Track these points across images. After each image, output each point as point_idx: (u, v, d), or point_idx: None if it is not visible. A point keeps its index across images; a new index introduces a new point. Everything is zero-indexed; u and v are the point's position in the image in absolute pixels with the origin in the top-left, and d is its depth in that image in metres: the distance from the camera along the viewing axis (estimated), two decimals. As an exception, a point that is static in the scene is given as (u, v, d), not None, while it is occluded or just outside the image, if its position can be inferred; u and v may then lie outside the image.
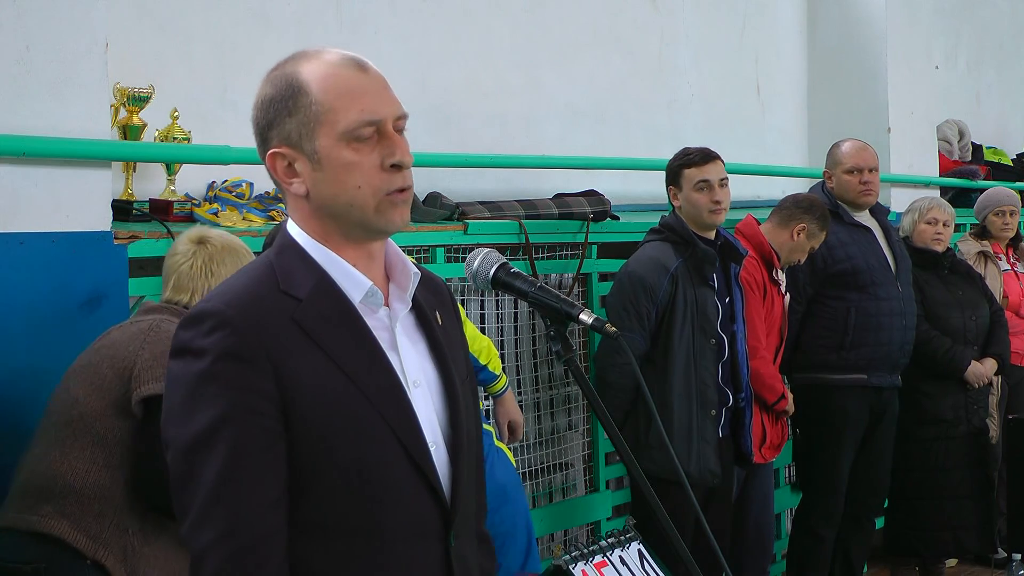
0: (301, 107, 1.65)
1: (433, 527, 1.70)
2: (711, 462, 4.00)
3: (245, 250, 2.88)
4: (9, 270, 2.87)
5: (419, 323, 1.79)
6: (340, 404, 1.62)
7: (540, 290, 1.88)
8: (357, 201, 1.66)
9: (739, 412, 4.17)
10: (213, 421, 1.57)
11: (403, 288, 1.75)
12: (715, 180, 4.03)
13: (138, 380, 2.57)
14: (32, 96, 2.91)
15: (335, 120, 1.65)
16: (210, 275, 2.78)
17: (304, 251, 1.70)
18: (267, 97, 1.69)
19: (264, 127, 1.69)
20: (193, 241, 2.84)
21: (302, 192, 1.68)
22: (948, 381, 5.12)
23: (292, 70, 1.68)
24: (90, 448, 2.58)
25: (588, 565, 3.11)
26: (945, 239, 5.27)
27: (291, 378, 1.60)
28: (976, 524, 5.17)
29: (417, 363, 1.74)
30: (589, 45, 5.31)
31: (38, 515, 2.55)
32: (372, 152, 1.66)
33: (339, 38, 4.17)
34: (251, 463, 1.57)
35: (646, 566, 3.46)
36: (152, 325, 2.67)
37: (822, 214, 4.58)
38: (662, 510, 1.82)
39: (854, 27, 6.51)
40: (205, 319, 1.61)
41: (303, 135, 1.65)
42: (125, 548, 2.56)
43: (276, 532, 1.59)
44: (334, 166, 1.65)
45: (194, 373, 1.59)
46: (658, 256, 4.02)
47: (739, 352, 4.14)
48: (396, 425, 1.66)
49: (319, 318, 1.65)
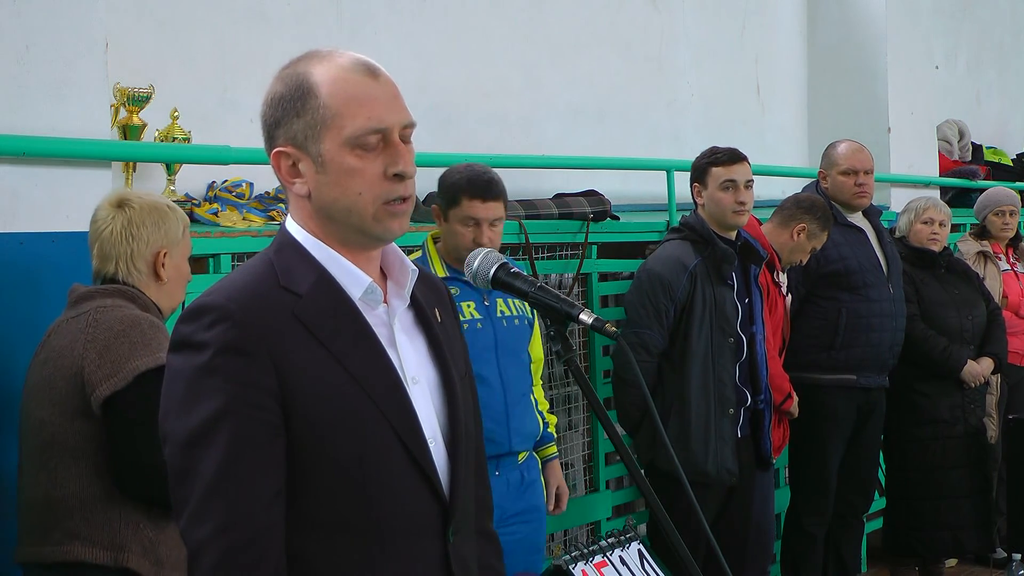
0: (309, 109, 1.65)
1: (432, 524, 1.70)
2: (729, 461, 4.00)
3: (170, 209, 2.74)
4: (9, 270, 2.87)
5: (418, 320, 1.79)
6: (340, 400, 1.63)
7: (540, 290, 1.88)
8: (356, 207, 1.67)
9: (758, 413, 4.17)
10: (213, 415, 1.57)
11: (401, 285, 1.76)
12: (741, 181, 4.05)
13: (91, 385, 2.51)
14: (32, 96, 2.91)
15: (341, 125, 1.65)
16: (131, 239, 2.66)
17: (303, 248, 1.70)
18: (277, 95, 1.69)
19: (271, 125, 1.69)
20: (112, 205, 2.68)
21: (304, 193, 1.69)
22: (945, 381, 5.12)
23: (304, 70, 1.68)
24: (74, 465, 2.54)
25: (588, 565, 3.11)
26: (942, 239, 5.28)
27: (292, 373, 1.60)
28: (974, 524, 5.17)
29: (416, 360, 1.75)
30: (589, 45, 5.31)
31: (50, 545, 2.54)
32: (376, 159, 1.67)
33: (339, 38, 4.18)
34: (251, 457, 1.57)
35: (646, 566, 3.46)
36: (89, 321, 2.57)
37: (823, 214, 4.59)
38: (662, 510, 1.82)
39: (854, 27, 6.51)
40: (206, 313, 1.61)
41: (309, 137, 1.66)
42: (143, 543, 2.54)
43: (274, 526, 1.58)
44: (337, 171, 1.66)
45: (194, 367, 1.59)
46: (677, 254, 4.03)
47: (758, 353, 4.14)
48: (395, 422, 1.66)
49: (320, 314, 1.65)
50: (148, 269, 2.68)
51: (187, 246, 2.77)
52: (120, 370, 2.49)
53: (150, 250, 2.68)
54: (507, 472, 3.44)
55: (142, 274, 2.68)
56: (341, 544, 1.63)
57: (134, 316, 2.57)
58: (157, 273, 2.69)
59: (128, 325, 2.54)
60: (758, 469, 4.23)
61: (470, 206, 3.37)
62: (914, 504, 5.19)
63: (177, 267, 2.73)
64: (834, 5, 6.57)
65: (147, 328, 2.56)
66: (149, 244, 2.67)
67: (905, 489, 5.22)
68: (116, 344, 2.52)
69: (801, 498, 4.97)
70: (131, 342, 2.52)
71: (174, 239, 2.71)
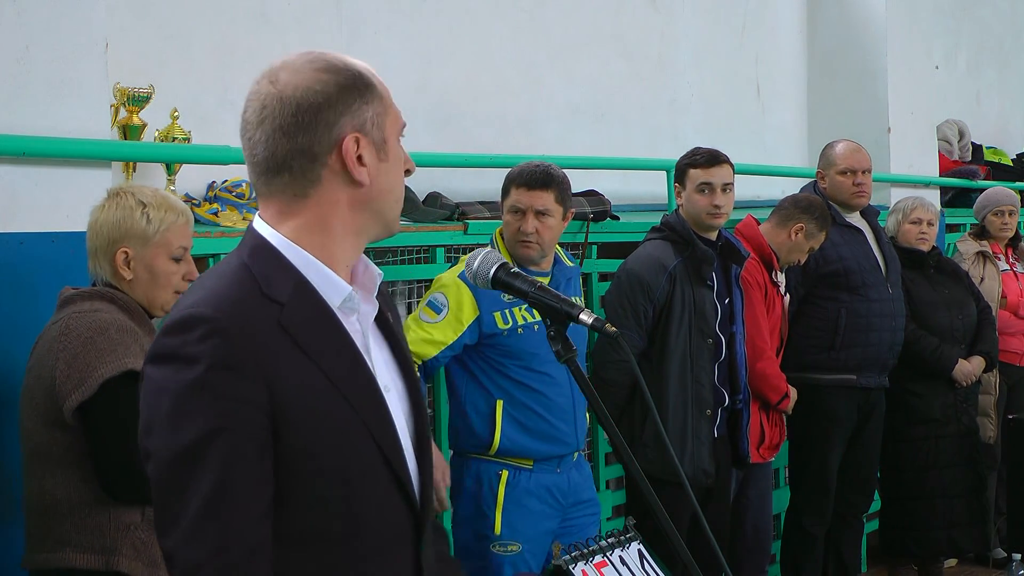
0: (375, 96, 1.65)
1: (406, 533, 1.68)
2: (705, 462, 4.00)
3: (149, 205, 2.63)
4: (9, 270, 2.87)
5: (380, 327, 1.77)
6: (326, 412, 1.59)
7: (540, 290, 1.88)
8: (399, 196, 1.71)
9: (736, 413, 4.18)
10: (206, 433, 1.51)
11: (368, 291, 1.73)
12: (718, 184, 4.03)
13: (61, 395, 2.49)
14: (32, 96, 2.91)
15: (396, 116, 1.69)
16: (96, 235, 2.62)
17: (279, 252, 1.64)
18: (329, 82, 1.63)
19: (321, 110, 1.62)
20: (104, 199, 2.67)
21: (366, 181, 1.65)
22: (937, 380, 5.13)
23: (344, 61, 1.66)
24: (60, 472, 2.53)
25: (588, 565, 3.10)
26: (930, 238, 5.28)
27: (281, 387, 1.56)
28: (969, 523, 5.18)
29: (385, 368, 1.73)
30: (589, 45, 5.31)
31: (45, 552, 2.54)
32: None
33: (339, 38, 4.18)
34: (244, 477, 1.53)
35: (646, 566, 3.45)
36: (62, 328, 2.54)
37: (821, 214, 4.58)
38: (662, 509, 1.82)
39: (854, 27, 6.51)
40: (195, 326, 1.54)
41: (375, 124, 1.65)
42: (135, 544, 2.54)
43: (265, 542, 1.55)
44: (395, 160, 1.69)
45: (184, 382, 1.52)
46: (657, 255, 4.02)
47: (738, 353, 4.14)
48: (377, 434, 1.63)
49: (303, 323, 1.61)
50: (110, 267, 2.63)
51: (166, 244, 2.64)
52: (87, 379, 2.47)
53: (111, 247, 2.62)
54: (568, 470, 3.55)
55: (106, 272, 2.64)
56: (324, 556, 1.61)
57: (103, 322, 2.53)
58: (119, 271, 2.62)
59: (96, 332, 2.50)
60: (735, 467, 4.24)
61: (516, 193, 3.47)
62: (908, 504, 5.20)
63: (148, 266, 2.63)
64: (834, 5, 6.57)
65: (114, 334, 2.51)
66: (110, 241, 2.61)
67: (899, 489, 5.23)
68: (83, 352, 2.49)
69: (801, 498, 4.97)
70: (98, 350, 2.48)
71: (138, 235, 2.61)
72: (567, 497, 3.53)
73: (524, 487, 3.46)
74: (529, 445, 3.46)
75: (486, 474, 3.47)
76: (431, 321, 3.41)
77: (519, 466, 3.47)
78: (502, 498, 3.44)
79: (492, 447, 3.44)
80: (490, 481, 3.46)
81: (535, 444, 3.46)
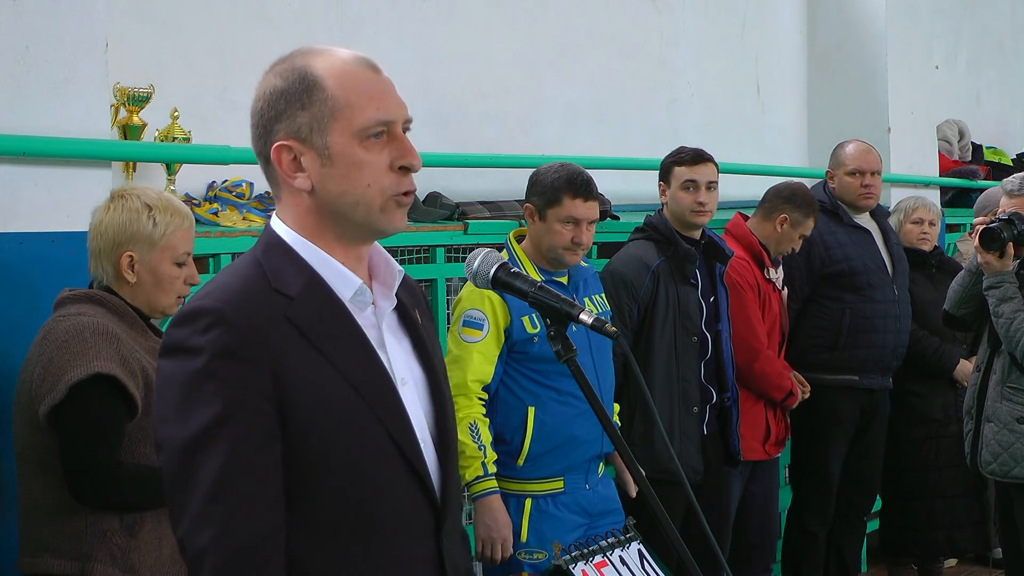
0: (316, 101, 1.64)
1: (426, 525, 1.70)
2: (693, 459, 4.00)
3: (156, 209, 2.63)
4: (8, 270, 2.87)
5: (402, 321, 1.78)
6: (335, 403, 1.61)
7: (540, 290, 1.88)
8: (365, 200, 1.66)
9: (725, 411, 4.17)
10: (211, 420, 1.55)
11: (388, 286, 1.75)
12: (702, 182, 4.03)
13: (36, 399, 2.49)
14: (32, 96, 2.91)
15: (351, 117, 1.64)
16: (99, 236, 2.61)
17: (292, 249, 1.68)
18: (276, 89, 1.66)
19: (270, 119, 1.66)
20: (108, 199, 2.66)
21: (306, 187, 1.66)
22: (937, 380, 5.13)
23: (303, 64, 1.67)
24: (41, 477, 2.53)
25: (588, 565, 3.10)
26: (931, 238, 5.29)
27: (287, 377, 1.58)
28: (969, 523, 5.18)
29: (404, 361, 1.74)
30: (589, 45, 5.31)
31: (27, 556, 2.54)
32: (382, 152, 1.66)
33: (339, 38, 4.18)
34: (250, 463, 1.56)
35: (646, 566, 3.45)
36: (45, 333, 2.54)
37: (803, 201, 4.55)
38: (662, 509, 1.83)
39: (854, 27, 6.51)
40: (200, 317, 1.58)
41: (315, 129, 1.64)
42: (111, 551, 2.52)
43: (276, 532, 1.57)
44: (345, 163, 1.65)
45: (190, 372, 1.56)
46: (640, 254, 4.03)
47: (724, 351, 4.14)
48: (390, 424, 1.65)
49: (312, 316, 1.63)
50: (113, 270, 2.62)
51: (171, 248, 2.64)
52: (58, 383, 2.46)
53: (116, 250, 2.61)
54: (595, 485, 3.51)
55: (108, 274, 2.63)
56: (338, 548, 1.62)
57: (80, 325, 2.51)
58: (122, 274, 2.61)
59: (72, 335, 2.49)
60: (727, 465, 4.23)
61: (572, 205, 3.41)
62: (908, 504, 5.21)
63: (153, 270, 2.62)
64: (834, 5, 6.57)
65: (89, 337, 2.49)
66: (115, 244, 2.60)
67: (899, 489, 5.23)
68: (58, 356, 2.48)
69: (802, 498, 4.98)
70: (71, 353, 2.47)
71: (144, 239, 2.61)
72: (595, 506, 3.50)
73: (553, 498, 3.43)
74: (558, 459, 3.40)
75: (513, 497, 3.40)
76: (476, 340, 3.33)
77: (548, 493, 3.41)
78: (529, 505, 3.40)
79: (520, 456, 3.39)
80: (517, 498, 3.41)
81: (561, 456, 3.40)
